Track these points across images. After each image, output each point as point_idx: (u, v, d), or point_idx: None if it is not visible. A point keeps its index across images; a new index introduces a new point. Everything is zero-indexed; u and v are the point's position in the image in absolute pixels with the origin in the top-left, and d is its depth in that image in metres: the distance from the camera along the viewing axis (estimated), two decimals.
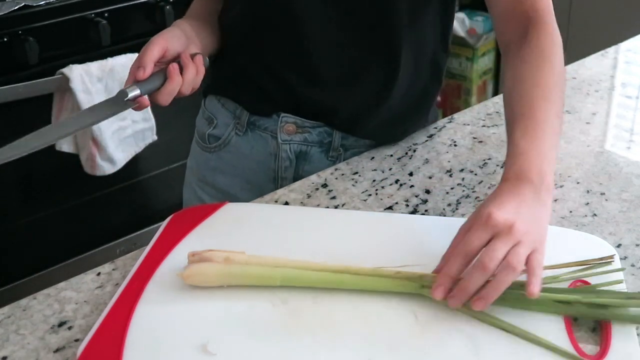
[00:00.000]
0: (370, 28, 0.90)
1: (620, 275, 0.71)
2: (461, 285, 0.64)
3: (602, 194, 0.88)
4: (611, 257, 0.70)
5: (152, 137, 1.84)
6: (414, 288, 0.68)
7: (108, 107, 0.81)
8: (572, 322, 0.67)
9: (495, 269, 0.63)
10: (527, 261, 0.63)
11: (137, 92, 0.81)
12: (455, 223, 0.81)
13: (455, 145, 1.00)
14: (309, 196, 0.89)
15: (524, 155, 0.71)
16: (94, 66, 1.65)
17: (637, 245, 0.78)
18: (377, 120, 0.97)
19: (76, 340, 0.67)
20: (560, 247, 0.76)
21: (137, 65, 0.82)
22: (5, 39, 1.55)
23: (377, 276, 0.69)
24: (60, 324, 0.69)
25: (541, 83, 0.78)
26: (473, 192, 0.89)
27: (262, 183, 0.99)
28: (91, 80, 1.64)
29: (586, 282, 0.70)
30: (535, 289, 0.62)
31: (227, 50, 0.99)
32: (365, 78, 0.94)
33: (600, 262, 0.70)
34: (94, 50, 1.69)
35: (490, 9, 0.90)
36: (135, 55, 1.89)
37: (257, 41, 0.95)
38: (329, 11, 0.89)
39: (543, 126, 0.74)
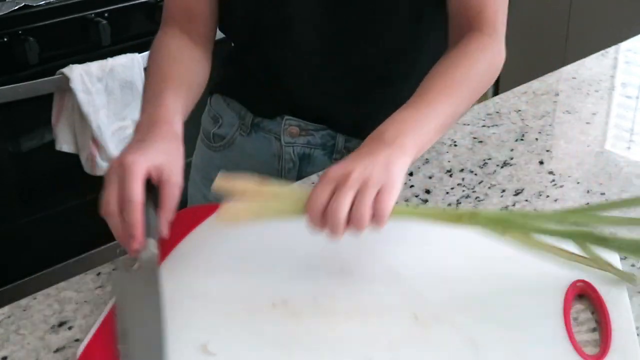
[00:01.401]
0: (371, 32, 0.90)
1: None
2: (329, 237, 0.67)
3: (602, 194, 0.88)
4: None
5: None
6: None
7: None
8: (572, 322, 0.67)
9: (345, 214, 0.65)
10: (375, 201, 0.66)
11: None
12: None
13: (455, 145, 1.00)
14: None
15: (389, 121, 0.74)
16: (94, 66, 1.65)
17: None
18: (380, 123, 0.97)
19: (76, 340, 0.67)
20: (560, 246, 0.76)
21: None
22: (5, 39, 1.55)
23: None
24: (60, 324, 0.69)
25: (449, 75, 0.80)
26: (473, 192, 0.89)
27: None
28: (91, 80, 1.64)
29: (587, 283, 0.70)
30: (377, 225, 0.66)
31: (234, 51, 0.99)
32: (368, 82, 0.94)
33: None
34: (94, 50, 1.69)
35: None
36: (135, 55, 1.88)
37: (260, 44, 0.94)
38: (326, 17, 0.89)
39: (427, 103, 0.77)
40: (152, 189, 0.71)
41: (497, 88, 2.74)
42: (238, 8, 0.93)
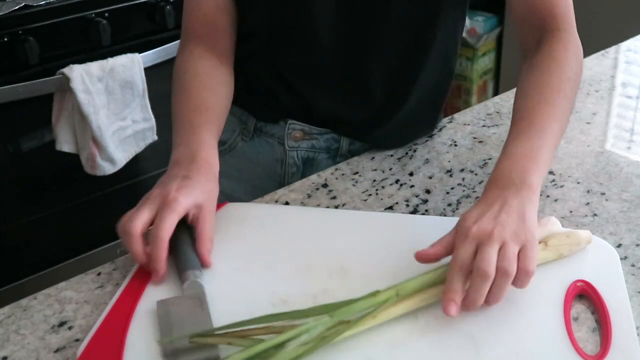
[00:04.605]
0: (383, 40, 0.90)
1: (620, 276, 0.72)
2: (470, 298, 0.64)
3: (603, 194, 0.88)
4: None
5: (152, 137, 1.84)
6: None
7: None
8: (572, 322, 0.67)
9: (494, 271, 0.63)
10: (518, 258, 0.64)
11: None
12: (455, 223, 0.81)
13: (455, 145, 1.00)
14: (309, 196, 0.89)
15: (509, 157, 0.73)
16: (94, 66, 1.65)
17: (637, 245, 0.79)
18: (386, 129, 0.97)
19: (76, 340, 0.67)
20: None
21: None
22: (5, 39, 1.55)
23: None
24: (61, 324, 0.69)
25: (545, 87, 0.78)
26: (473, 192, 0.89)
27: (267, 188, 0.99)
28: (91, 80, 1.64)
29: (587, 282, 0.70)
30: (522, 284, 0.65)
31: (237, 56, 0.99)
32: (377, 88, 0.93)
33: None
34: (94, 50, 1.69)
35: (509, 14, 0.89)
36: (136, 55, 1.88)
37: (270, 49, 0.93)
38: (343, 22, 0.88)
39: (537, 128, 0.75)
40: (186, 221, 0.75)
41: (497, 88, 2.74)
42: (259, 9, 0.91)
